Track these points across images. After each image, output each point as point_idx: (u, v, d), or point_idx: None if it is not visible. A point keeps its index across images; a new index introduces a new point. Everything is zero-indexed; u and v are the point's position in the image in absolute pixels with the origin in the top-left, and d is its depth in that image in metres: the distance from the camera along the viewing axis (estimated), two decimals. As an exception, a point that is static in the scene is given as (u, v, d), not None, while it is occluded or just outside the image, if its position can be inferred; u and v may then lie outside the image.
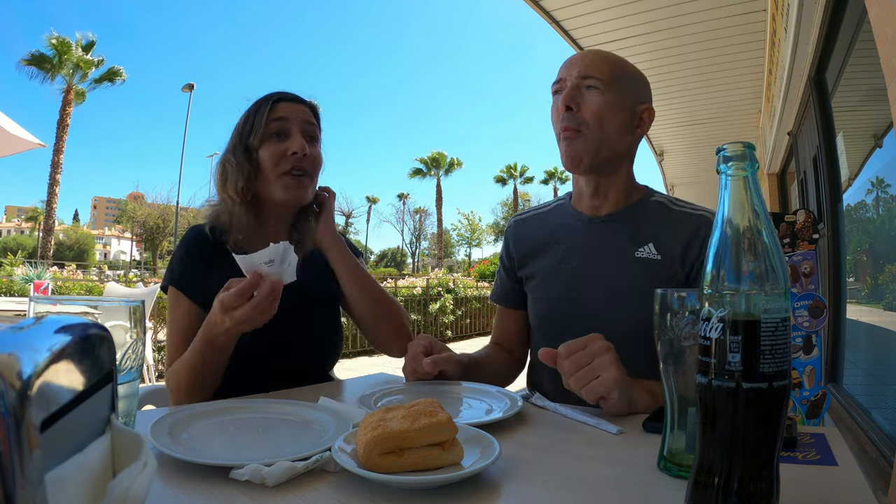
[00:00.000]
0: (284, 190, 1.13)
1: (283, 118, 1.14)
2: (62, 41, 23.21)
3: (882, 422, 2.37)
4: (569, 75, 1.05)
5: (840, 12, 2.63)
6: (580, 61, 1.05)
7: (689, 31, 4.20)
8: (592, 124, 1.02)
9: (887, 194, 2.64)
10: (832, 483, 0.58)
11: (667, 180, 9.30)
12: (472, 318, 9.44)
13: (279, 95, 1.18)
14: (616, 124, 1.03)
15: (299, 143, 1.12)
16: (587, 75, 1.03)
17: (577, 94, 1.03)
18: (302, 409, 0.80)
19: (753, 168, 0.48)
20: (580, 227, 1.13)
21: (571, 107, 1.02)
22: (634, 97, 1.06)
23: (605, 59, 1.06)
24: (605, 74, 1.03)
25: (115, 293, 4.88)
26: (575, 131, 1.03)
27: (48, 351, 0.30)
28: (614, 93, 1.03)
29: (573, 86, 1.03)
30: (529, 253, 1.19)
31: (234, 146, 1.16)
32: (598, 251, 1.09)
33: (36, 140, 4.08)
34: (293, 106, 1.17)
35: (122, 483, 0.33)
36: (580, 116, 1.03)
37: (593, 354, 0.80)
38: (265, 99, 1.17)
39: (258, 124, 1.14)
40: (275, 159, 1.12)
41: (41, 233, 27.90)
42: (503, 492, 0.56)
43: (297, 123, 1.15)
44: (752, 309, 0.45)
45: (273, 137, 1.13)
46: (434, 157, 41.02)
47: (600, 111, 1.02)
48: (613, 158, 1.06)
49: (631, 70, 1.09)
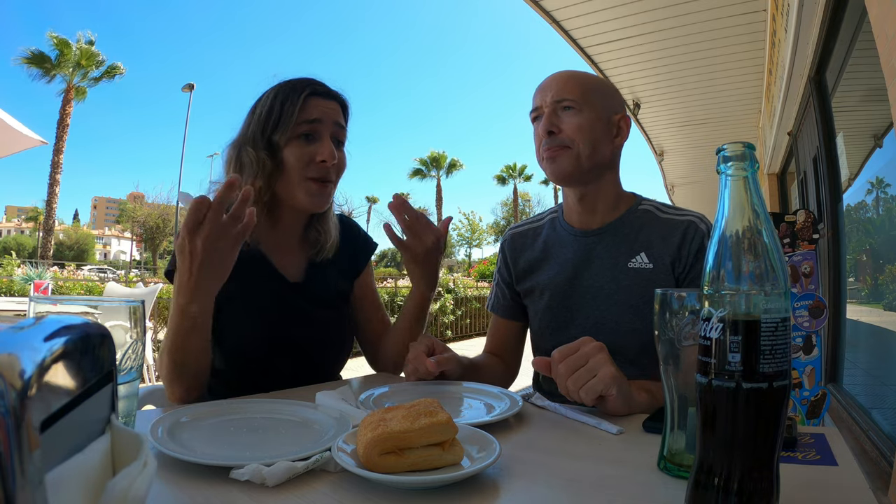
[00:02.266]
0: (307, 195, 1.06)
1: (316, 120, 1.05)
2: (62, 40, 23.20)
3: (882, 422, 2.37)
4: (543, 102, 1.10)
5: (840, 12, 2.63)
6: (552, 87, 1.10)
7: (689, 31, 4.20)
8: (575, 140, 1.07)
9: (887, 194, 2.64)
10: (832, 483, 0.58)
11: (667, 180, 9.30)
12: (472, 318, 9.44)
13: (312, 87, 1.07)
14: (596, 135, 1.08)
15: (329, 151, 1.05)
16: (560, 99, 1.08)
17: (556, 118, 1.09)
18: (302, 410, 0.79)
19: (753, 168, 0.48)
20: (573, 241, 1.16)
21: (553, 130, 1.07)
22: (609, 109, 1.11)
23: (574, 80, 1.10)
24: (578, 95, 1.08)
25: (115, 293, 4.87)
26: (559, 149, 1.08)
27: (48, 351, 0.30)
28: (589, 108, 1.08)
29: (550, 111, 1.09)
30: (526, 268, 1.22)
31: (255, 136, 1.05)
32: (593, 264, 1.12)
33: (37, 137, 4.07)
34: (326, 104, 1.08)
35: (121, 483, 0.33)
36: (562, 137, 1.08)
37: (587, 356, 0.80)
38: (295, 88, 1.06)
39: (286, 120, 1.04)
40: (301, 162, 1.04)
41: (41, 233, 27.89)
42: (503, 492, 0.56)
43: (328, 126, 1.07)
44: (752, 309, 0.45)
45: (301, 138, 1.05)
46: (434, 158, 41.01)
47: (580, 127, 1.07)
48: (596, 167, 1.10)
49: (600, 84, 1.14)
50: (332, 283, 1.18)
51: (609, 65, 4.95)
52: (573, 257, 1.14)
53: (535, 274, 1.20)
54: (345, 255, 1.21)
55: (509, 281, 1.25)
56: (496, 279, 1.30)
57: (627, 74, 5.12)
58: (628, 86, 5.40)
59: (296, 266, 1.15)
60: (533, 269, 1.21)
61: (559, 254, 1.17)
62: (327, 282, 1.17)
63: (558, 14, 4.28)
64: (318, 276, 1.16)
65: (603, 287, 1.09)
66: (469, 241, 48.17)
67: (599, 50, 4.73)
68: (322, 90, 1.09)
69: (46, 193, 23.25)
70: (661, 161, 8.05)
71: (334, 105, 1.10)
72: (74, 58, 23.40)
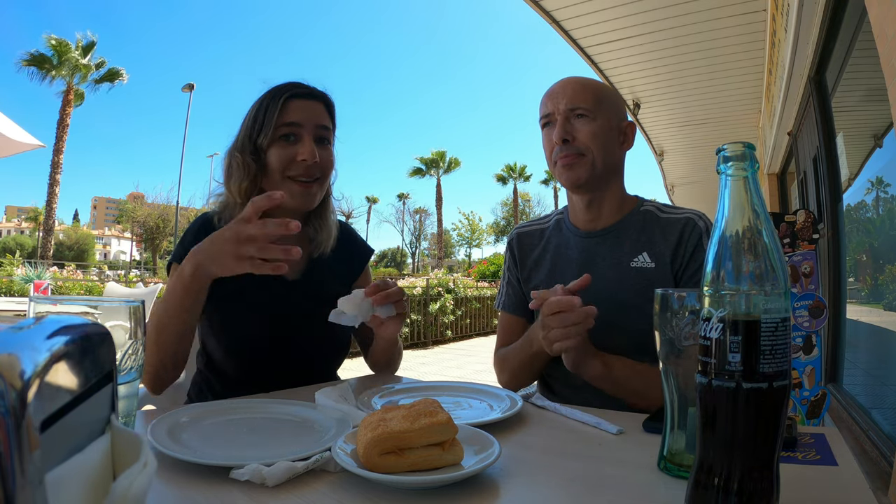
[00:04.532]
0: (290, 196, 1.07)
1: (294, 123, 1.08)
2: (61, 42, 23.15)
3: (882, 422, 2.37)
4: (556, 109, 1.11)
5: (840, 12, 2.63)
6: (564, 94, 1.11)
7: (689, 31, 4.20)
8: (590, 147, 1.09)
9: (887, 194, 2.64)
10: (832, 483, 0.58)
11: (667, 180, 9.30)
12: (472, 318, 9.44)
13: (291, 90, 1.10)
14: (609, 143, 1.11)
15: (309, 150, 1.07)
16: (574, 107, 1.10)
17: (569, 126, 1.10)
18: (302, 410, 0.79)
19: (753, 168, 0.48)
20: (578, 242, 1.18)
21: (567, 139, 1.09)
22: (618, 116, 1.14)
23: (586, 88, 1.12)
24: (591, 103, 1.10)
25: (115, 293, 4.87)
26: (575, 157, 1.09)
27: (48, 351, 0.30)
28: (602, 116, 1.10)
29: (564, 119, 1.10)
30: (532, 266, 1.24)
31: (243, 142, 1.10)
32: (597, 265, 1.13)
33: (35, 141, 4.07)
34: (306, 105, 1.10)
35: (122, 483, 0.33)
36: (577, 144, 1.10)
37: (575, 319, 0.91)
38: (276, 93, 1.10)
39: (268, 124, 1.08)
40: (283, 163, 1.07)
41: (41, 233, 27.87)
42: (503, 492, 0.56)
43: (308, 128, 1.09)
44: (752, 309, 0.45)
45: (282, 140, 1.08)
46: (434, 158, 41.01)
47: (594, 134, 1.09)
48: (607, 174, 1.12)
49: (609, 92, 1.16)
50: (330, 283, 1.19)
51: (609, 65, 4.96)
52: (577, 257, 1.16)
53: (540, 273, 1.22)
54: (342, 260, 1.23)
55: (518, 277, 1.27)
56: (505, 277, 1.31)
57: (627, 74, 5.13)
58: (628, 86, 5.40)
59: (293, 264, 1.15)
60: (538, 269, 1.23)
61: (564, 254, 1.19)
62: (325, 281, 1.17)
63: (558, 14, 4.28)
64: (317, 275, 1.17)
65: (607, 287, 1.10)
66: (469, 241, 48.21)
67: (599, 50, 4.73)
68: (303, 91, 1.12)
69: (46, 193, 23.24)
70: (661, 161, 8.05)
71: (316, 106, 1.12)
72: (74, 60, 23.35)
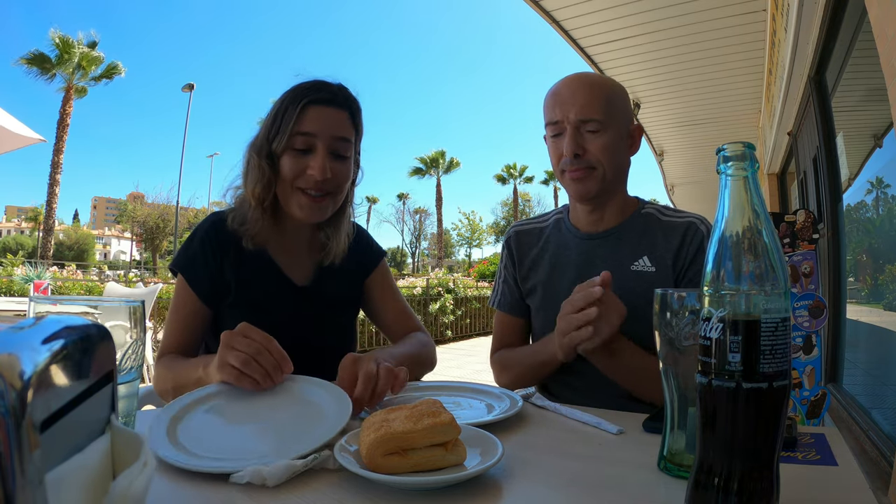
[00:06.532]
0: (298, 207, 1.05)
1: (309, 134, 1.02)
2: (65, 40, 23.14)
3: (882, 422, 2.37)
4: (565, 118, 1.06)
5: (840, 12, 2.63)
6: (574, 103, 1.06)
7: (689, 30, 4.19)
8: (602, 161, 1.06)
9: (887, 194, 2.64)
10: (832, 483, 0.58)
11: (667, 180, 9.29)
12: (472, 318, 9.44)
13: (311, 95, 1.03)
14: (619, 153, 1.09)
15: (320, 166, 1.02)
16: (586, 119, 1.05)
17: (581, 139, 1.06)
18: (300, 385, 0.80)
19: (753, 168, 0.48)
20: (578, 244, 1.16)
21: (579, 153, 1.06)
22: (626, 120, 1.11)
23: (595, 93, 1.06)
24: (602, 114, 1.05)
25: (115, 293, 4.87)
26: (586, 170, 1.07)
27: (48, 351, 0.30)
28: (613, 128, 1.07)
29: (574, 132, 1.06)
30: (531, 266, 1.21)
31: (261, 143, 1.05)
32: (596, 267, 1.11)
33: (36, 135, 4.05)
34: (324, 113, 1.03)
35: (121, 482, 0.33)
36: (588, 158, 1.06)
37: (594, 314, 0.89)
38: (296, 96, 1.04)
39: (283, 131, 1.02)
40: (294, 173, 1.03)
41: (41, 233, 27.85)
42: (504, 492, 0.56)
43: (324, 139, 1.03)
44: (752, 309, 0.45)
45: (296, 150, 1.03)
46: (434, 157, 40.99)
47: (606, 148, 1.06)
48: (615, 182, 1.11)
49: (618, 93, 1.10)
50: (340, 289, 1.17)
51: (609, 65, 4.95)
52: (576, 259, 1.14)
53: (538, 273, 1.19)
54: (353, 261, 1.20)
55: (515, 276, 1.24)
56: (501, 276, 1.28)
57: (627, 74, 5.12)
58: (628, 86, 5.39)
59: (303, 269, 1.14)
60: (536, 268, 1.20)
61: (563, 255, 1.17)
62: (335, 287, 1.16)
63: (558, 14, 4.28)
64: (326, 281, 1.15)
65: None
66: (469, 241, 48.21)
67: (599, 50, 4.73)
68: (324, 98, 1.04)
69: (46, 193, 23.22)
70: (661, 161, 8.05)
71: (336, 114, 1.05)
72: (76, 58, 23.33)
